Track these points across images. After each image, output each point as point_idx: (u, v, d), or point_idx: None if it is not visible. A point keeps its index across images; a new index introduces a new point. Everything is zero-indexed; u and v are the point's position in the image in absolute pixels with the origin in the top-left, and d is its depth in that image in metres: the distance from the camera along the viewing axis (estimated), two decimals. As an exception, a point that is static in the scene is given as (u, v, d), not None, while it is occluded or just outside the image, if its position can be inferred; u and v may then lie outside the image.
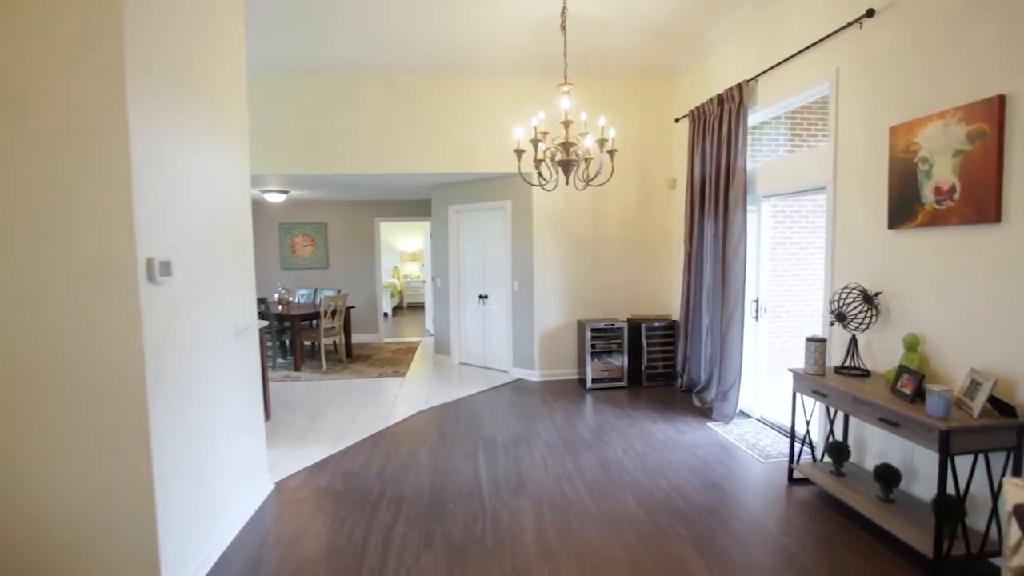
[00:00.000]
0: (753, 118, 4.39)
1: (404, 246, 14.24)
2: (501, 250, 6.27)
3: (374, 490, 3.30)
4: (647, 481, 3.35)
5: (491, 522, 2.90)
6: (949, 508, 2.28)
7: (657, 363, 5.63)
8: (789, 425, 3.32)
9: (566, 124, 3.73)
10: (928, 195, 2.67)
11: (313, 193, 7.54)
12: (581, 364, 5.81)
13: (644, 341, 5.55)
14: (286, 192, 7.09)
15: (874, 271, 3.07)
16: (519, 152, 3.80)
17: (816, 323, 4.61)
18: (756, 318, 4.41)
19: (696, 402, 4.93)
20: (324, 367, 6.73)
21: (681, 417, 4.59)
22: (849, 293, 3.01)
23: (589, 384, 5.53)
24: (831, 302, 3.13)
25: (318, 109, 5.52)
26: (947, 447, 2.20)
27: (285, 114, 5.49)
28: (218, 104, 2.82)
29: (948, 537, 2.30)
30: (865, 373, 2.98)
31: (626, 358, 5.58)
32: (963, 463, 2.41)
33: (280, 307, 7.04)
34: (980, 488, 2.41)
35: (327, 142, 5.56)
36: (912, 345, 2.69)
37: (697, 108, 5.11)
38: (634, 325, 5.65)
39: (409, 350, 7.90)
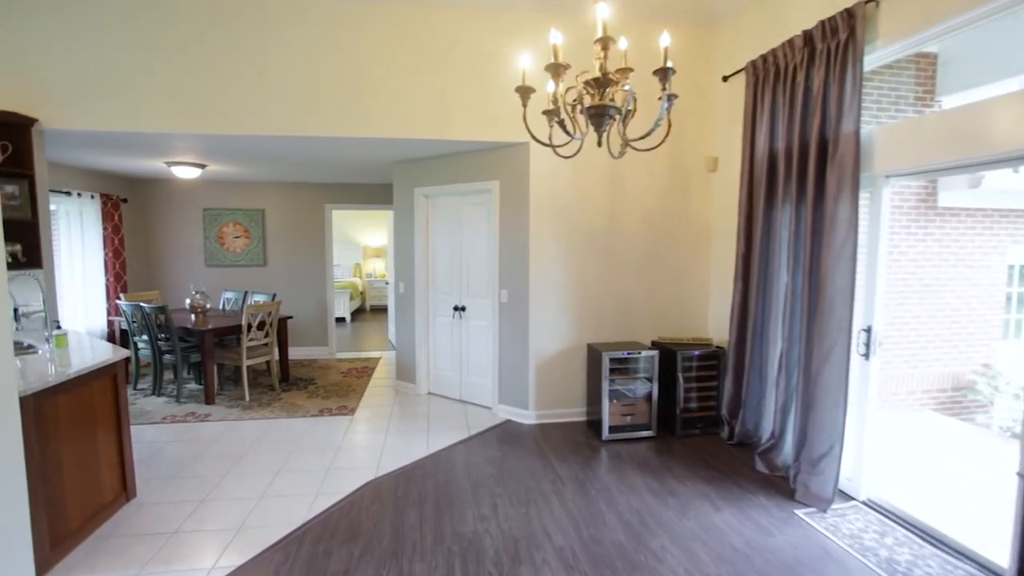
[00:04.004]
0: (868, 61, 2.98)
1: (368, 240, 12.54)
2: (484, 248, 4.74)
3: None
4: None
5: None
6: None
7: (694, 404, 4.21)
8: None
9: (603, 44, 2.25)
10: None
11: (240, 169, 5.86)
12: (592, 402, 4.34)
13: (680, 375, 4.11)
14: (202, 166, 5.39)
15: None
16: (524, 92, 2.35)
17: (960, 365, 3.22)
18: (866, 355, 3.01)
19: (761, 466, 3.51)
20: (247, 399, 5.08)
21: (749, 495, 3.17)
22: None
23: (606, 433, 4.06)
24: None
25: (231, 42, 3.89)
26: None
27: (184, 48, 3.84)
28: None
29: None
30: None
31: (656, 398, 4.13)
32: None
33: (193, 316, 5.36)
34: None
35: (243, 92, 3.93)
36: None
37: (762, 58, 3.69)
38: (666, 353, 4.21)
39: (365, 371, 6.29)
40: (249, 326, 5.00)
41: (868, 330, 2.99)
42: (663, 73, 2.21)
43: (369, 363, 6.71)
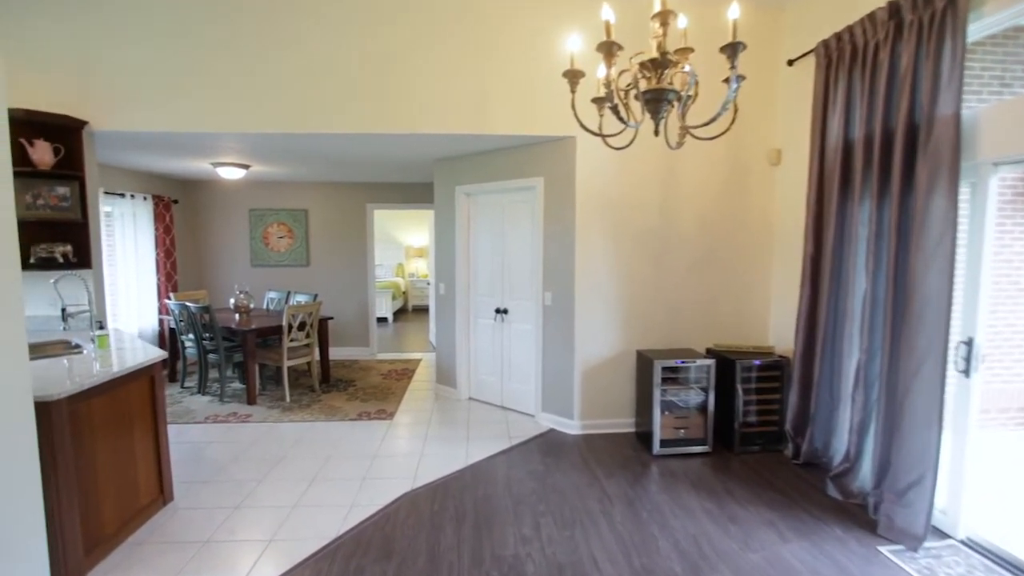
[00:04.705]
0: (971, 31, 2.59)
1: (410, 240, 12.56)
2: (528, 248, 4.53)
3: None
4: None
5: None
6: None
7: (754, 418, 3.86)
8: None
9: (662, 20, 2.01)
10: None
11: (284, 170, 5.87)
12: (641, 413, 4.06)
13: (739, 386, 3.78)
14: (246, 167, 5.42)
15: None
16: (573, 76, 2.13)
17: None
18: (966, 372, 2.62)
19: (834, 491, 3.15)
20: (288, 399, 5.05)
21: (823, 526, 2.82)
22: None
23: (657, 447, 3.77)
24: None
25: (271, 40, 3.83)
26: None
27: (226, 48, 3.81)
28: None
29: None
30: None
31: (712, 410, 3.81)
32: None
33: (237, 316, 5.39)
34: None
35: (283, 90, 3.86)
36: None
37: (835, 37, 3.32)
38: (723, 362, 3.88)
39: (405, 373, 6.20)
40: (290, 327, 4.97)
41: (969, 343, 2.60)
42: (732, 49, 1.94)
43: (410, 365, 6.62)
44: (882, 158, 2.92)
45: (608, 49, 1.98)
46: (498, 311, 4.81)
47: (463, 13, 3.89)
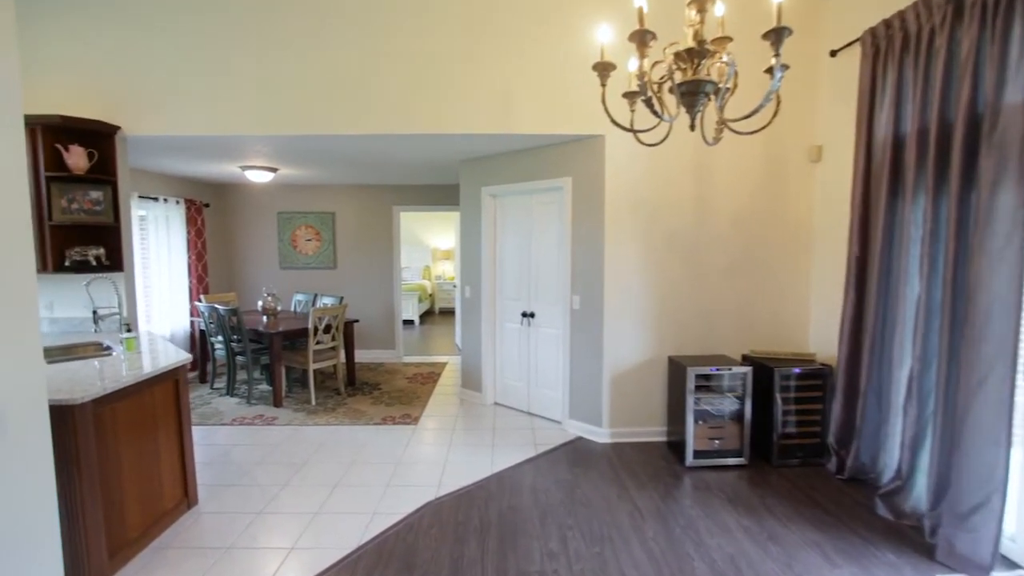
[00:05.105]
0: (1041, 13, 2.37)
1: (437, 242, 12.57)
2: (555, 250, 4.41)
3: None
4: None
5: None
6: None
7: (793, 429, 3.65)
8: None
9: (699, 7, 1.89)
10: None
11: (311, 173, 5.89)
12: (673, 422, 3.89)
13: (777, 395, 3.58)
14: (273, 170, 5.45)
15: None
16: (603, 69, 2.02)
17: None
18: (1036, 384, 2.39)
19: (884, 511, 2.93)
20: (313, 402, 5.05)
21: (873, 549, 2.62)
22: None
23: (690, 458, 3.60)
24: None
25: (293, 43, 3.82)
26: None
27: (250, 52, 3.82)
28: None
29: None
30: None
31: (748, 420, 3.62)
32: None
33: (265, 318, 5.42)
34: None
35: (307, 92, 3.84)
36: None
37: (884, 24, 3.12)
38: (760, 370, 3.68)
39: (431, 376, 6.14)
40: (315, 329, 4.96)
41: (1039, 352, 2.37)
42: (776, 35, 1.79)
43: (435, 368, 6.57)
44: (939, 153, 2.70)
45: (641, 38, 1.86)
46: (524, 315, 4.70)
47: (489, 11, 3.80)
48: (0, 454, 1.38)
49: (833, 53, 3.69)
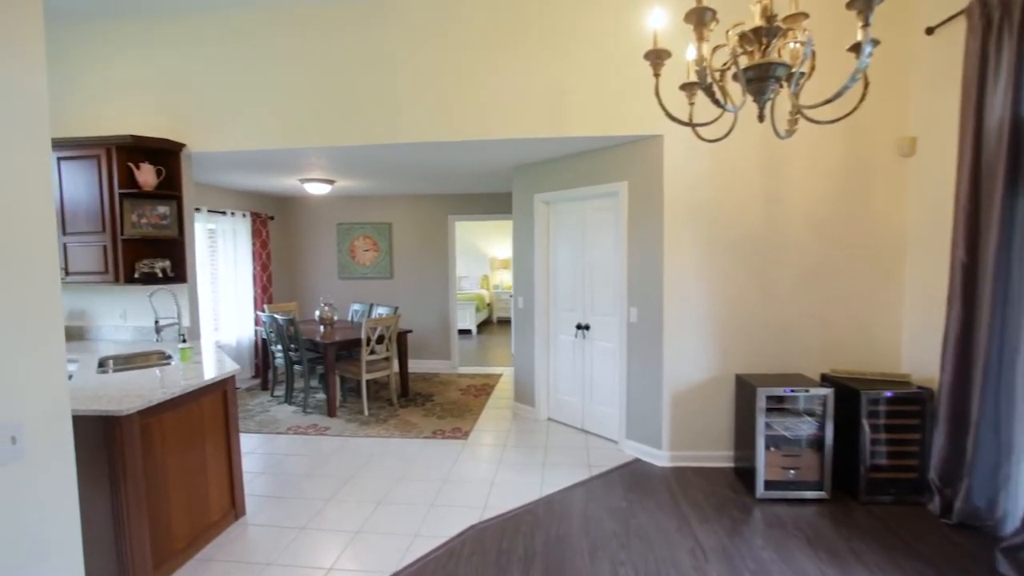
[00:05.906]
0: None
1: (495, 251, 12.53)
2: (611, 259, 4.17)
3: None
4: None
5: None
6: None
7: (884, 461, 3.20)
8: None
9: (767, -15, 1.64)
10: None
11: (367, 184, 5.96)
12: (742, 447, 3.53)
13: (865, 421, 3.15)
14: (331, 182, 5.56)
15: None
16: (656, 57, 1.82)
17: None
18: None
19: (1007, 568, 2.46)
20: (366, 413, 5.05)
21: (990, 612, 2.19)
22: None
23: (761, 489, 3.24)
24: None
25: (342, 57, 3.84)
26: None
27: (304, 67, 3.88)
28: None
29: None
30: None
31: (829, 448, 3.21)
32: None
33: (322, 328, 5.51)
34: None
35: (353, 105, 3.85)
36: None
37: (994, -6, 2.68)
38: (843, 392, 3.27)
39: (484, 389, 6.02)
40: (368, 340, 4.97)
41: None
42: (865, 3, 1.50)
43: (490, 380, 6.44)
44: (1070, 139, 2.26)
45: (699, 18, 1.63)
46: (579, 327, 4.48)
47: (538, 10, 3.65)
48: (17, 475, 1.35)
49: (930, 30, 3.25)
